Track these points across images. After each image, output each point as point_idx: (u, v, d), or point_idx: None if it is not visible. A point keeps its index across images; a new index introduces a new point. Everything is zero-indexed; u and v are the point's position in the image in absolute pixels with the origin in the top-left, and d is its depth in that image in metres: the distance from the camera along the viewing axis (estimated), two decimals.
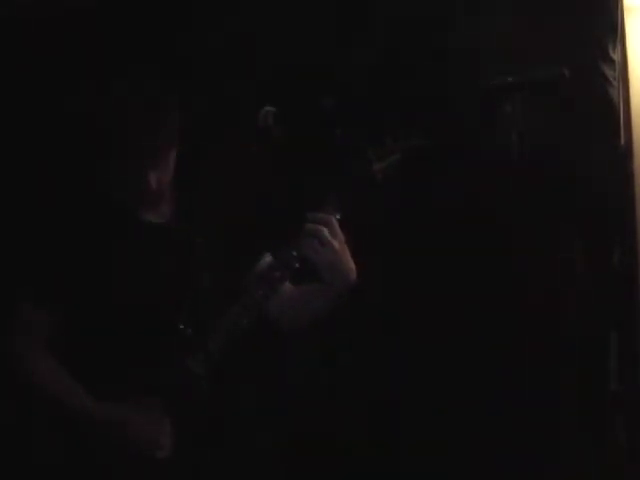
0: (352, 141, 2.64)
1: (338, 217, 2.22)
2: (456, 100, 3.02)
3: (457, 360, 3.12)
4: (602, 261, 3.14)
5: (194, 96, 2.87)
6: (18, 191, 3.04)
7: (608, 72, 3.09)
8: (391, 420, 3.15)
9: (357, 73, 3.21)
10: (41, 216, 2.44)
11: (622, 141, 3.18)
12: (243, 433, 2.38)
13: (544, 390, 3.04)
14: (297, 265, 2.22)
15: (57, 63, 3.10)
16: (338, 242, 2.20)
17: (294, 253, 2.22)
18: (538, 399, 3.03)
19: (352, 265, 2.25)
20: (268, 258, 2.38)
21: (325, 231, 2.18)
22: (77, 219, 2.35)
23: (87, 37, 3.12)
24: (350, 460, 3.12)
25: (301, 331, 2.45)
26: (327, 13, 3.21)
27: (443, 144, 2.76)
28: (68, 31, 3.11)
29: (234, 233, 2.43)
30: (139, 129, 2.24)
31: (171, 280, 2.32)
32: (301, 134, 2.57)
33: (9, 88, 3.09)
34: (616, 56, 3.13)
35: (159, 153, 2.28)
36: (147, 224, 2.37)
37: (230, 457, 2.33)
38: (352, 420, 3.14)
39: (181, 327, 2.26)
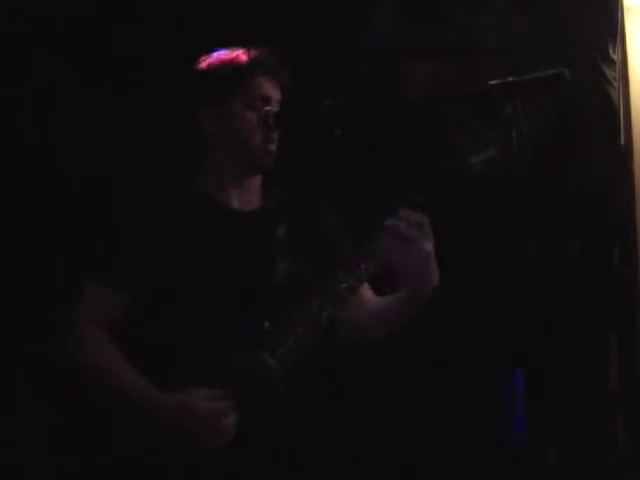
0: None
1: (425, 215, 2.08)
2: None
3: (455, 357, 3.13)
4: (602, 261, 3.14)
5: None
6: (104, 175, 3.08)
7: (608, 72, 3.09)
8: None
9: (358, 73, 3.22)
10: (124, 198, 2.43)
11: (622, 141, 3.18)
12: (308, 434, 2.28)
13: (544, 390, 3.04)
14: (385, 260, 2.09)
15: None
16: (428, 243, 2.06)
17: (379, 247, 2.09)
18: (538, 399, 3.03)
19: (436, 269, 2.11)
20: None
21: (415, 231, 2.04)
22: (158, 203, 2.32)
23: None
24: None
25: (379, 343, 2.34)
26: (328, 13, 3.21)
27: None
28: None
29: (319, 224, 2.38)
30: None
31: (250, 269, 2.25)
32: (301, 134, 2.56)
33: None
34: (616, 56, 3.13)
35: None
36: (228, 210, 2.34)
37: (291, 457, 2.24)
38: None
39: (259, 319, 2.19)
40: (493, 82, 2.09)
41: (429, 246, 2.07)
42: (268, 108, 2.32)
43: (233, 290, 2.22)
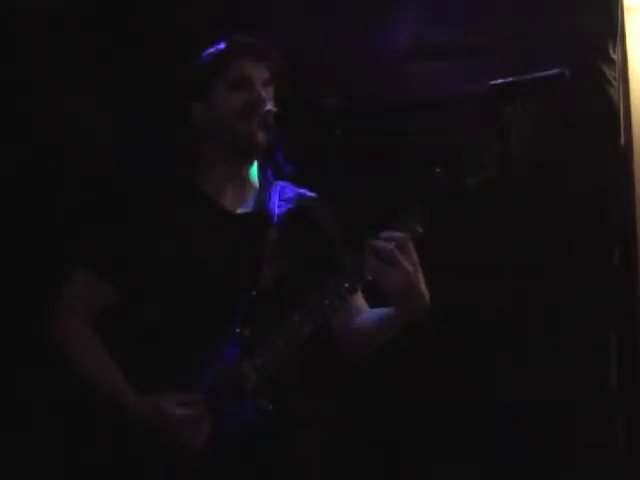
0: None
1: (419, 230, 2.09)
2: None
3: (456, 360, 3.12)
4: (602, 261, 3.14)
5: None
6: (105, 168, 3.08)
7: (608, 72, 3.09)
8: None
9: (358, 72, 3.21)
10: (121, 193, 2.43)
11: (622, 141, 3.17)
12: (284, 448, 2.27)
13: (544, 390, 3.04)
14: (369, 278, 2.10)
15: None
16: (411, 264, 2.06)
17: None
18: (537, 399, 3.03)
19: (424, 290, 2.11)
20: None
21: (395, 252, 2.04)
22: (154, 200, 2.33)
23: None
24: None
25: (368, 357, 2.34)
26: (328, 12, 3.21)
27: None
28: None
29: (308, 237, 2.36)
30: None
31: (235, 272, 2.24)
32: (302, 134, 2.56)
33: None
34: (616, 56, 3.13)
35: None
36: (221, 211, 2.33)
37: (264, 464, 2.23)
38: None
39: (241, 325, 2.18)
40: (493, 82, 2.09)
41: (411, 267, 2.06)
42: (269, 108, 2.31)
43: (216, 293, 2.22)
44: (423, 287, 2.10)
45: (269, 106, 2.32)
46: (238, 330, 2.19)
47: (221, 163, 2.35)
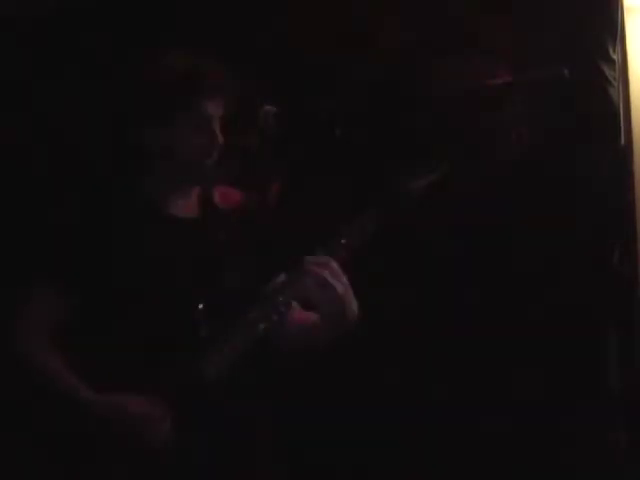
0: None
1: (344, 241, 2.14)
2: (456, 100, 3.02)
3: (455, 360, 3.12)
4: (602, 261, 3.14)
5: None
6: (48, 177, 3.05)
7: (608, 72, 3.09)
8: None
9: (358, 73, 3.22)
10: (70, 204, 2.42)
11: (622, 141, 3.18)
12: (244, 439, 2.29)
13: (544, 390, 3.04)
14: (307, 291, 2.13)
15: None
16: (341, 284, 2.11)
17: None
18: (538, 399, 3.03)
19: (354, 306, 2.16)
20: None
21: (326, 273, 2.09)
22: (104, 209, 2.31)
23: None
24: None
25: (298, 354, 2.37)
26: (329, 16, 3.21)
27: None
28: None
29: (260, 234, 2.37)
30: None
31: (189, 276, 2.25)
32: (301, 134, 2.56)
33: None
34: (616, 56, 3.13)
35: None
36: (171, 218, 2.32)
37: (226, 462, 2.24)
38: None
39: (197, 327, 2.19)
40: (493, 82, 2.10)
41: (341, 288, 2.11)
42: (269, 107, 2.31)
43: (170, 297, 2.22)
44: (354, 305, 2.16)
45: (268, 107, 2.32)
46: (195, 331, 2.20)
47: (169, 180, 2.34)
